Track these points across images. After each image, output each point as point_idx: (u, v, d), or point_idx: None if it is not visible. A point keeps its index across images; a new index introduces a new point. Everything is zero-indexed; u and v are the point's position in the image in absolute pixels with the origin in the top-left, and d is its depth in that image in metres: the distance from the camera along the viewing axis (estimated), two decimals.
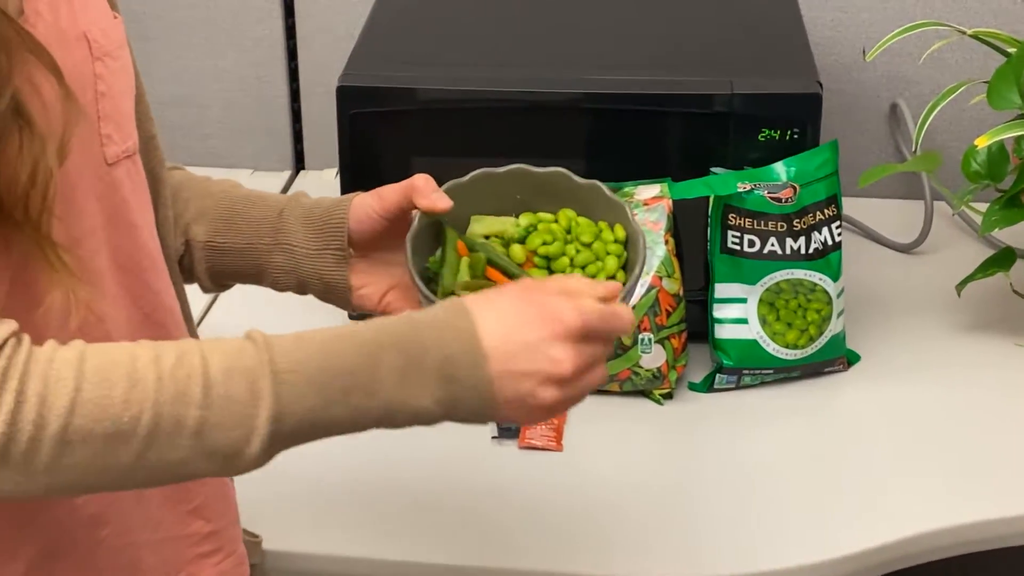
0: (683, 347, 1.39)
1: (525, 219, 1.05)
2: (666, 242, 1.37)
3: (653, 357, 1.37)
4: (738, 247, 1.35)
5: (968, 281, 1.44)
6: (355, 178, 1.41)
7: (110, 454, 0.78)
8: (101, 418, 0.77)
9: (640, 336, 1.36)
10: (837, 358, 1.41)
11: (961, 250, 1.60)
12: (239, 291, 1.16)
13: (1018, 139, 1.40)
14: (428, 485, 1.27)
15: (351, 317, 1.30)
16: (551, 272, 1.02)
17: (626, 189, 1.39)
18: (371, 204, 1.07)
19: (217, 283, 1.11)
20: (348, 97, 1.38)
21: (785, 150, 1.36)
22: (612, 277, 1.01)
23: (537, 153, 1.39)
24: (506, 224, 1.05)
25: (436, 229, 1.04)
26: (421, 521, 1.23)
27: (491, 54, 1.48)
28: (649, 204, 1.38)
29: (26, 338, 0.79)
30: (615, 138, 1.41)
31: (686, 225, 1.41)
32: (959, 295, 1.46)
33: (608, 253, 1.03)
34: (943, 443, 1.33)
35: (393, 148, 1.42)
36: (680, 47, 1.49)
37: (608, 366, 1.09)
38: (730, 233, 1.35)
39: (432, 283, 1.00)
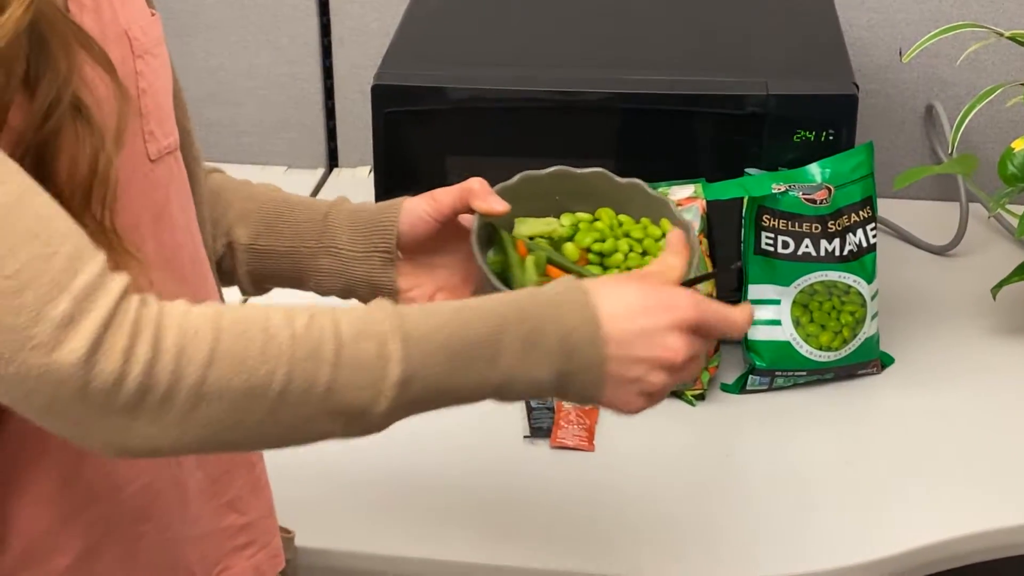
0: (716, 348, 1.39)
1: (567, 219, 1.07)
2: (700, 242, 1.37)
3: None
4: (772, 248, 1.35)
5: (1003, 285, 1.43)
6: (389, 177, 1.42)
7: (243, 410, 0.79)
8: (238, 372, 0.78)
9: None
10: (871, 360, 1.41)
11: (997, 253, 1.59)
12: (275, 294, 1.16)
13: None
14: (460, 483, 1.27)
15: None
16: (605, 268, 1.04)
17: (660, 189, 1.39)
18: (424, 207, 1.09)
19: (258, 286, 1.12)
20: (382, 96, 1.39)
21: (820, 151, 1.36)
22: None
23: (570, 153, 1.40)
24: (550, 224, 1.07)
25: (487, 232, 1.05)
26: (451, 519, 1.23)
27: (525, 53, 1.48)
28: (683, 205, 1.38)
29: (149, 294, 0.80)
30: (649, 138, 1.40)
31: (720, 226, 1.40)
32: (994, 298, 1.45)
33: (658, 247, 1.05)
34: (976, 447, 1.32)
35: (427, 147, 1.42)
36: (715, 47, 1.49)
37: None
38: (764, 234, 1.35)
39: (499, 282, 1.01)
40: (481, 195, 1.06)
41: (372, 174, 1.44)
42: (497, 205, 1.05)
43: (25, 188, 0.78)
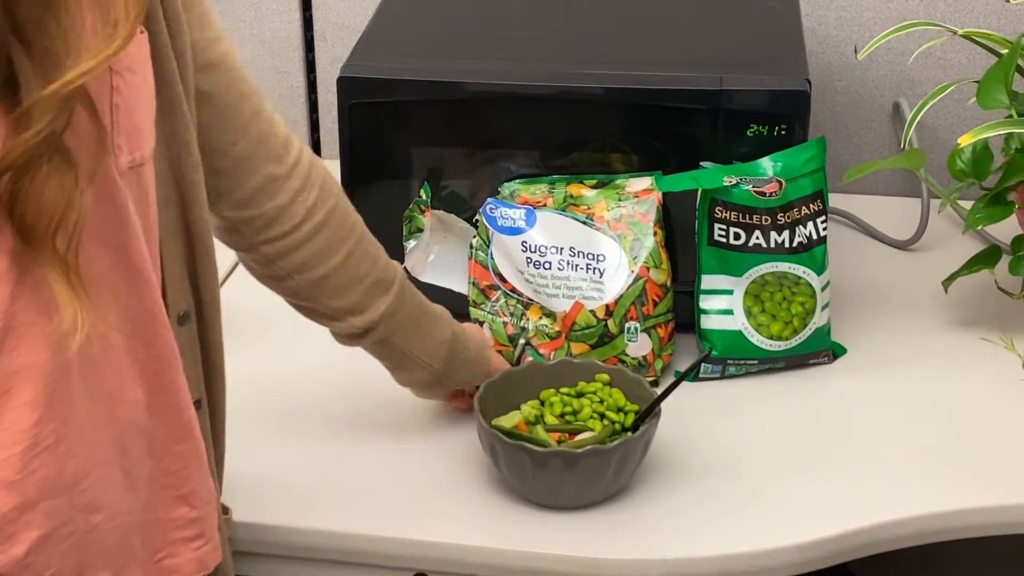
0: (669, 336, 1.42)
1: (525, 407, 1.29)
2: (655, 233, 1.40)
3: (639, 346, 1.40)
4: (724, 240, 1.38)
5: (954, 278, 1.46)
6: (355, 168, 1.46)
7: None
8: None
9: (627, 325, 1.39)
10: (822, 350, 1.44)
11: (956, 248, 1.62)
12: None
13: (1007, 137, 1.42)
14: (414, 463, 1.31)
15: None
16: (578, 421, 1.28)
17: (618, 181, 1.43)
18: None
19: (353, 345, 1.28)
20: (348, 88, 1.43)
21: (773, 146, 1.39)
22: (623, 411, 1.29)
23: (531, 145, 1.45)
24: (521, 413, 1.28)
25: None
26: (391, 496, 1.27)
27: (490, 48, 1.52)
28: (639, 196, 1.41)
29: None
30: (608, 131, 1.44)
31: (681, 218, 1.44)
32: (946, 291, 1.48)
33: (611, 396, 1.29)
34: (922, 434, 1.35)
35: (393, 138, 1.46)
36: (675, 43, 1.52)
37: (595, 353, 1.35)
38: (716, 226, 1.38)
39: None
40: None
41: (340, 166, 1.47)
42: None
43: None
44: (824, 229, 1.40)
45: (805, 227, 1.38)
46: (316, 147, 1.88)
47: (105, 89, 0.91)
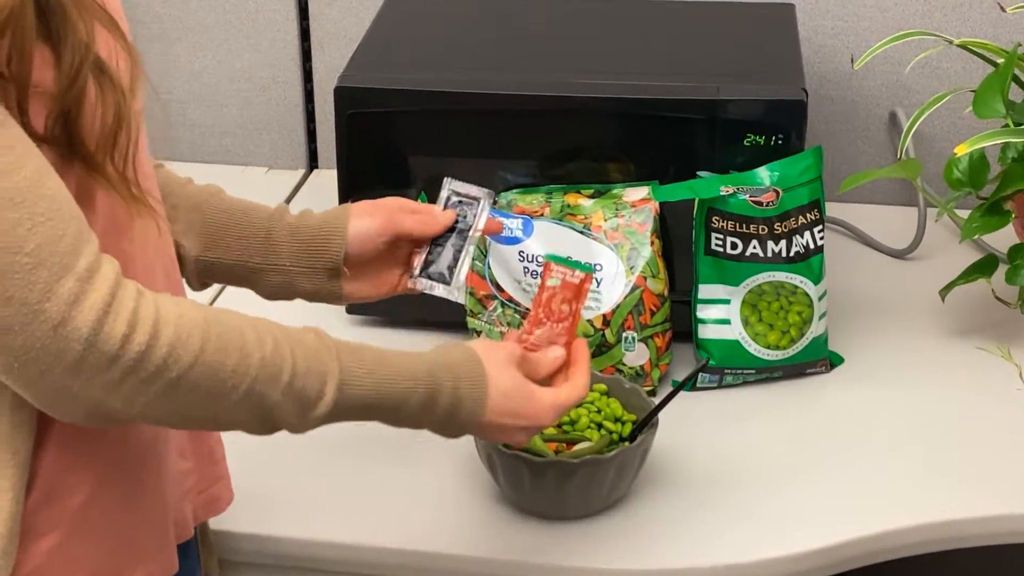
0: (667, 346, 1.42)
1: None
2: (652, 243, 1.40)
3: (636, 355, 1.40)
4: (721, 249, 1.38)
5: (951, 287, 1.46)
6: (353, 178, 1.46)
7: (200, 407, 0.92)
8: (211, 379, 0.91)
9: (624, 334, 1.39)
10: (819, 360, 1.44)
11: (953, 257, 1.62)
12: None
13: (1003, 147, 1.43)
14: (412, 474, 1.31)
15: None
16: (576, 431, 1.26)
17: (615, 191, 1.43)
18: (374, 228, 1.18)
19: (204, 286, 1.20)
20: (345, 98, 1.43)
21: (770, 155, 1.39)
22: (621, 421, 1.27)
23: (529, 155, 1.45)
24: None
25: None
26: (397, 509, 1.27)
27: (487, 59, 1.52)
28: (637, 206, 1.41)
29: (138, 286, 0.90)
30: (605, 141, 1.44)
31: (678, 227, 1.44)
32: (943, 300, 1.48)
33: (608, 406, 1.27)
34: (921, 443, 1.35)
35: (390, 149, 1.46)
36: (672, 53, 1.52)
37: (592, 363, 1.30)
38: (713, 235, 1.38)
39: None
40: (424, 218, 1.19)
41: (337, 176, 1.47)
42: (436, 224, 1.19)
43: (42, 170, 0.86)
44: (821, 239, 1.40)
45: (802, 237, 1.38)
46: (313, 157, 1.88)
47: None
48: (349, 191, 1.45)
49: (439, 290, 1.20)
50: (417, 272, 1.20)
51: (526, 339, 1.16)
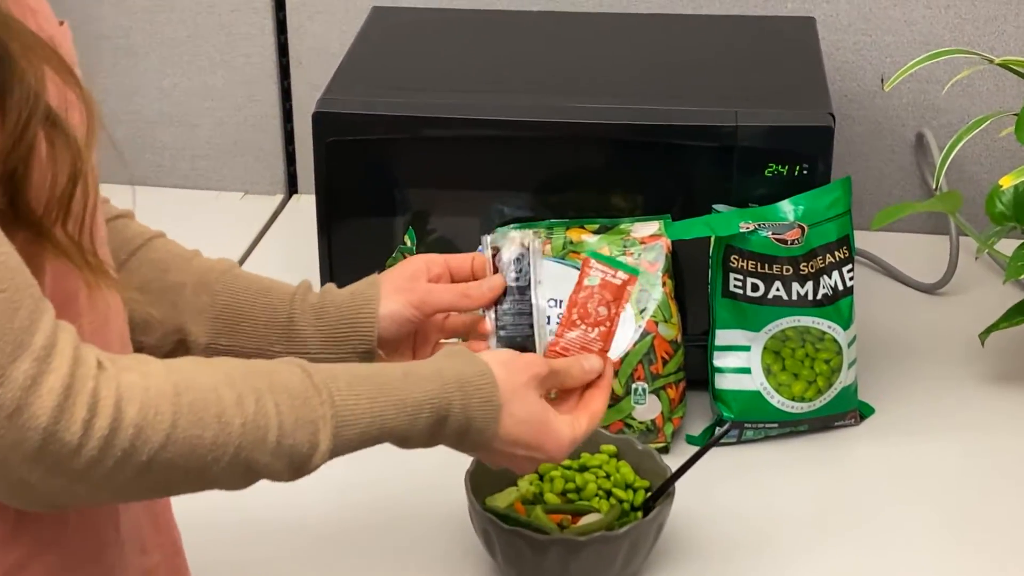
0: (681, 397, 1.29)
1: (522, 482, 1.15)
2: (663, 284, 1.28)
3: (647, 408, 1.27)
4: (740, 291, 1.26)
5: (992, 330, 1.34)
6: (332, 209, 1.34)
7: (177, 484, 0.82)
8: (188, 456, 0.80)
9: (634, 386, 1.27)
10: (848, 411, 1.32)
11: (989, 292, 1.50)
12: None
13: None
14: (400, 545, 1.18)
15: None
16: (582, 500, 1.15)
17: (622, 226, 1.30)
18: (409, 312, 1.06)
19: None
20: (325, 124, 1.31)
21: (794, 187, 1.27)
22: (632, 488, 1.16)
23: (525, 186, 1.33)
24: (519, 490, 1.15)
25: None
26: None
27: (480, 80, 1.40)
28: (646, 242, 1.29)
29: (104, 355, 0.79)
30: (609, 171, 1.32)
31: (690, 263, 1.32)
32: (983, 344, 1.36)
33: (618, 471, 1.16)
34: (962, 507, 1.23)
35: (375, 179, 1.34)
36: (685, 74, 1.40)
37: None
38: (732, 276, 1.26)
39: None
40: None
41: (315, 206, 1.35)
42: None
43: None
44: (851, 279, 1.27)
45: (830, 277, 1.26)
46: (292, 181, 1.75)
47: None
48: (328, 224, 1.33)
49: None
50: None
51: (556, 342, 1.04)
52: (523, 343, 1.05)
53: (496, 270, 1.07)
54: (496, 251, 1.07)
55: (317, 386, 0.86)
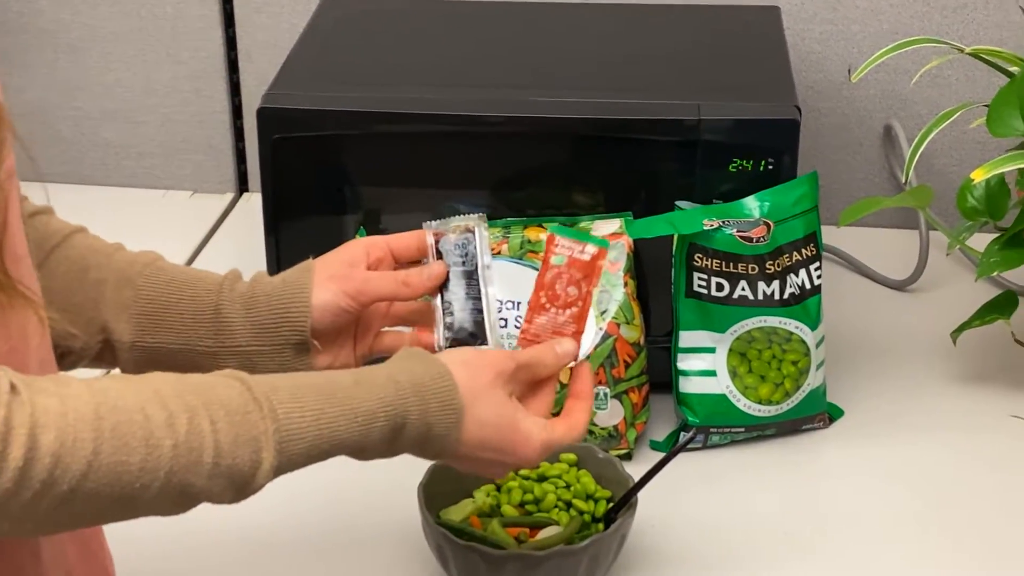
0: (644, 402, 1.25)
1: (479, 493, 1.11)
2: (625, 284, 1.23)
3: (609, 414, 1.23)
4: (705, 291, 1.21)
5: (964, 328, 1.30)
6: (280, 209, 1.29)
7: (109, 513, 0.77)
8: (114, 483, 0.75)
9: (595, 390, 1.21)
10: (817, 414, 1.27)
11: (961, 289, 1.46)
12: None
13: (1021, 170, 1.26)
14: (350, 562, 1.13)
15: None
16: (541, 511, 1.10)
17: (582, 224, 1.25)
18: (343, 301, 0.98)
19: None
20: (270, 120, 1.25)
21: (759, 182, 1.22)
22: (593, 499, 1.11)
23: (480, 184, 1.28)
24: (474, 502, 1.10)
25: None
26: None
27: (434, 73, 1.34)
28: (608, 240, 1.24)
29: (18, 377, 0.73)
30: (568, 167, 1.27)
31: (653, 262, 1.27)
32: (955, 343, 1.32)
33: (578, 481, 1.11)
34: (934, 510, 1.19)
35: (323, 177, 1.29)
36: (646, 66, 1.35)
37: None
38: (696, 275, 1.21)
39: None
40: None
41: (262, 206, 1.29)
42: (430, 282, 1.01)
43: None
44: (818, 277, 1.23)
45: (797, 275, 1.21)
46: (243, 179, 1.70)
47: None
48: (276, 224, 1.28)
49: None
50: (444, 344, 1.00)
51: (526, 329, 0.98)
52: (472, 331, 1.00)
53: (439, 256, 1.01)
54: (439, 237, 1.01)
55: (257, 399, 0.81)
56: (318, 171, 1.28)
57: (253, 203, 1.68)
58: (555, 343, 0.97)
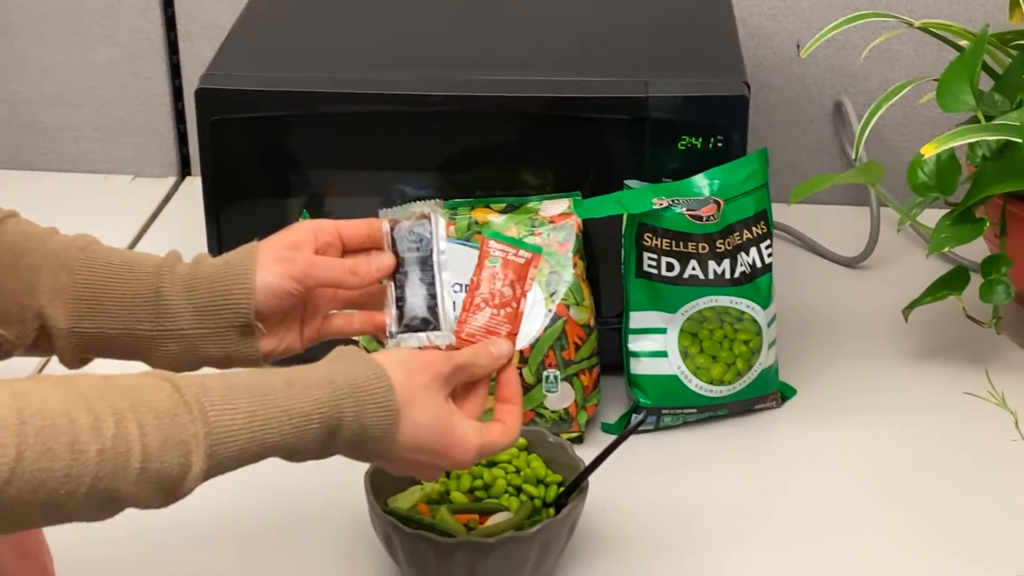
0: (595, 384, 1.23)
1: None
2: (574, 265, 1.21)
3: (560, 397, 1.21)
4: (655, 271, 1.19)
5: (916, 305, 1.29)
6: (220, 193, 1.26)
7: (34, 519, 0.75)
8: (38, 490, 0.73)
9: (545, 373, 1.20)
10: (769, 394, 1.26)
11: (912, 265, 1.45)
12: None
13: (971, 146, 1.25)
14: (297, 552, 1.11)
15: None
16: (491, 497, 1.08)
17: (530, 205, 1.23)
18: (288, 284, 0.95)
19: (84, 363, 0.97)
20: (209, 101, 1.22)
21: (708, 160, 1.21)
22: (544, 483, 1.09)
23: (424, 164, 1.26)
24: (422, 489, 1.08)
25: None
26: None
27: (378, 52, 1.32)
28: (556, 221, 1.22)
29: None
30: (515, 146, 1.25)
31: (602, 242, 1.25)
32: (906, 320, 1.31)
33: (529, 465, 1.09)
34: (888, 489, 1.18)
35: (265, 160, 1.26)
36: (592, 42, 1.33)
37: None
38: (646, 255, 1.19)
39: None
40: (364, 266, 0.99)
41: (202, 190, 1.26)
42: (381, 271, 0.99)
43: None
44: (769, 256, 1.21)
45: (748, 254, 1.20)
46: (185, 163, 1.67)
47: None
48: (216, 209, 1.25)
49: (435, 339, 0.97)
50: (395, 329, 0.97)
51: (460, 330, 0.96)
52: (425, 316, 0.98)
53: (394, 242, 0.99)
54: (394, 224, 0.99)
55: (187, 401, 0.78)
56: (260, 153, 1.25)
57: (196, 187, 1.61)
58: (490, 344, 0.96)
